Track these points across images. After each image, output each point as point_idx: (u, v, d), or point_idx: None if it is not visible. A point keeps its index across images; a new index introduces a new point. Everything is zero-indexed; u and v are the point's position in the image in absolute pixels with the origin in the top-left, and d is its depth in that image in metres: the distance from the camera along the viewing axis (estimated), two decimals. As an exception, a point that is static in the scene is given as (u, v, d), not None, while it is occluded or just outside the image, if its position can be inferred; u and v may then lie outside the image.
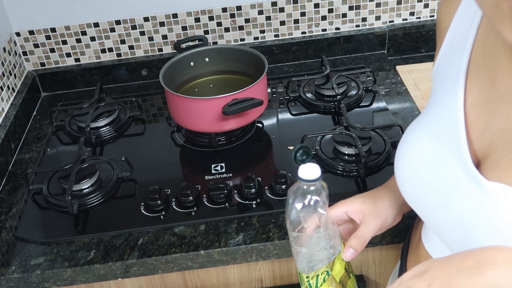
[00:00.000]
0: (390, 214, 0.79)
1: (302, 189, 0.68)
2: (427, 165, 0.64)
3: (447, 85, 0.65)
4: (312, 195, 0.67)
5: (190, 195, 1.01)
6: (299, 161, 0.68)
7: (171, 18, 1.41)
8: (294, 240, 0.72)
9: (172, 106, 1.18)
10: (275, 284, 1.05)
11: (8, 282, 0.93)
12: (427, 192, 0.64)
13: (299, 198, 0.68)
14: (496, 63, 0.59)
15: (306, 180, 0.66)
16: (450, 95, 0.63)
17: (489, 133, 0.58)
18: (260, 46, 1.45)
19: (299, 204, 0.68)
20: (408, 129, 0.71)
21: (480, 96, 0.60)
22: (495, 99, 0.58)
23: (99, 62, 1.46)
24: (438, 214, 0.62)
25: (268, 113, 1.26)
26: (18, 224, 1.03)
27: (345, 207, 0.80)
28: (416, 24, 1.46)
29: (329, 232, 0.72)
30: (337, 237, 0.74)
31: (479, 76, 0.61)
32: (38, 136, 1.30)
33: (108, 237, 0.98)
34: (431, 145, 0.64)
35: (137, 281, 1.01)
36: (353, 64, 1.46)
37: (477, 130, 0.60)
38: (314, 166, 0.67)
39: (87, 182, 1.07)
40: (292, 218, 0.69)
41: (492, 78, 0.59)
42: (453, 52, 0.66)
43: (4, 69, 1.30)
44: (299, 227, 0.70)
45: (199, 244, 0.94)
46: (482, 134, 0.59)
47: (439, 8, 0.72)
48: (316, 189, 0.68)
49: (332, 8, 1.43)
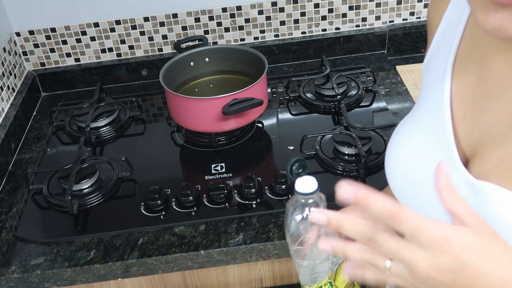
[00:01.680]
0: None
1: (300, 202, 0.68)
2: (416, 162, 0.64)
3: (434, 82, 0.65)
4: (310, 207, 0.68)
5: (190, 195, 1.01)
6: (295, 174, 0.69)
7: (171, 18, 1.41)
8: (295, 254, 0.72)
9: (172, 106, 1.18)
10: (275, 284, 1.05)
11: (8, 282, 0.93)
12: (416, 189, 0.64)
13: (297, 211, 0.68)
14: (483, 60, 0.59)
15: (303, 194, 0.67)
16: (437, 92, 0.63)
17: (477, 131, 0.58)
18: (260, 46, 1.45)
19: (298, 217, 0.68)
20: (398, 126, 0.71)
21: (467, 92, 0.60)
22: (482, 96, 0.58)
23: (99, 62, 1.46)
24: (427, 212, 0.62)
25: (268, 113, 1.26)
26: (18, 224, 1.03)
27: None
28: (416, 24, 1.46)
29: None
30: None
31: (466, 73, 0.61)
32: (38, 136, 1.30)
33: (108, 237, 0.98)
34: (420, 142, 0.64)
35: (137, 281, 1.01)
36: (353, 64, 1.46)
37: (464, 127, 0.59)
38: (310, 179, 0.67)
39: (87, 182, 1.07)
40: (292, 231, 0.69)
41: (479, 74, 0.59)
42: (441, 50, 0.66)
43: (4, 69, 1.30)
44: (299, 240, 0.70)
45: (199, 244, 0.94)
46: (470, 132, 0.59)
47: (429, 7, 0.72)
48: (314, 202, 0.68)
49: (332, 8, 1.43)
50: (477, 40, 0.60)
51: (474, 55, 0.60)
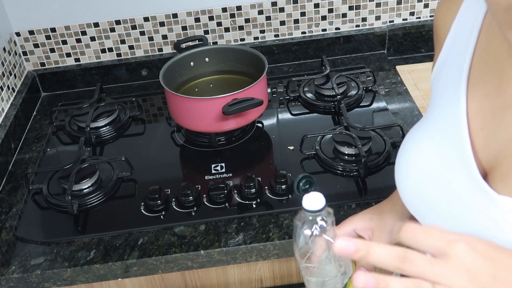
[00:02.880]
0: None
1: (307, 219, 0.67)
2: (431, 177, 0.61)
3: (448, 92, 0.63)
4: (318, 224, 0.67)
5: (190, 195, 1.01)
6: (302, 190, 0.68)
7: (171, 18, 1.41)
8: (304, 270, 0.71)
9: (172, 106, 1.18)
10: (275, 284, 1.05)
11: (8, 282, 0.93)
12: (431, 204, 0.62)
13: (306, 226, 0.67)
14: (502, 70, 0.57)
15: (311, 211, 0.65)
16: (451, 102, 0.61)
17: (496, 143, 0.56)
18: (260, 46, 1.45)
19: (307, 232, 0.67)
20: (407, 137, 0.68)
21: (484, 103, 0.58)
22: (501, 108, 0.56)
23: (99, 62, 1.46)
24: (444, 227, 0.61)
25: (268, 113, 1.26)
26: (18, 224, 1.03)
27: (353, 225, 0.79)
28: (416, 24, 1.46)
29: (339, 258, 0.71)
30: (348, 260, 0.72)
31: (483, 83, 0.59)
32: (38, 136, 1.30)
33: (108, 237, 0.98)
34: (434, 155, 0.62)
35: (137, 281, 1.01)
36: (353, 64, 1.46)
37: (482, 139, 0.57)
38: (318, 196, 0.66)
39: (87, 182, 1.07)
40: (300, 246, 0.68)
41: (497, 85, 0.57)
42: (454, 58, 0.64)
43: (4, 69, 1.30)
44: (307, 255, 0.69)
45: (199, 244, 0.94)
46: (488, 144, 0.57)
47: (436, 13, 0.70)
48: (322, 217, 0.67)
49: (332, 8, 1.43)
50: (494, 50, 0.58)
51: (490, 65, 0.59)
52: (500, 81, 0.57)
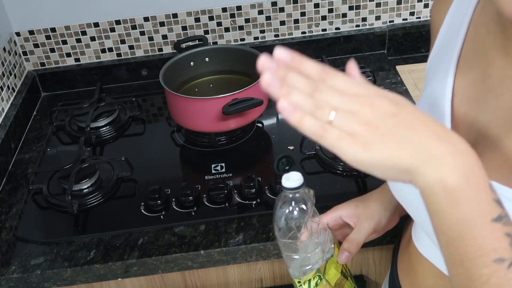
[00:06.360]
0: (383, 216, 0.81)
1: (287, 197, 0.69)
2: None
3: (436, 80, 0.65)
4: (297, 202, 0.70)
5: (190, 195, 1.01)
6: (282, 170, 0.70)
7: (171, 18, 1.41)
8: (284, 247, 0.73)
9: (172, 106, 1.18)
10: (275, 284, 1.05)
11: (8, 282, 0.93)
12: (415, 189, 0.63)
13: (285, 205, 0.70)
14: (486, 56, 0.59)
15: (289, 188, 0.68)
16: (438, 89, 0.63)
17: (476, 128, 0.58)
18: (260, 46, 1.45)
19: (285, 211, 0.70)
20: None
21: (471, 89, 0.60)
22: (484, 93, 0.58)
23: (99, 62, 1.46)
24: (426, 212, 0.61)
25: (268, 113, 1.26)
26: (18, 224, 1.03)
27: (339, 211, 0.82)
28: (416, 24, 1.46)
29: (318, 237, 0.73)
30: (328, 241, 0.75)
31: (470, 70, 0.61)
32: (38, 136, 1.30)
33: (108, 237, 0.98)
34: None
35: (137, 281, 1.01)
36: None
37: (465, 124, 0.59)
38: (296, 174, 0.69)
39: (87, 182, 1.07)
40: (280, 225, 0.71)
41: (483, 72, 0.59)
42: (445, 49, 0.66)
43: (4, 69, 1.30)
44: (289, 234, 0.71)
45: (199, 244, 0.94)
46: (469, 129, 0.59)
47: (432, 7, 0.73)
48: (301, 196, 0.69)
49: (332, 8, 1.43)
50: (481, 37, 0.60)
51: (478, 52, 0.60)
52: (486, 68, 0.59)
